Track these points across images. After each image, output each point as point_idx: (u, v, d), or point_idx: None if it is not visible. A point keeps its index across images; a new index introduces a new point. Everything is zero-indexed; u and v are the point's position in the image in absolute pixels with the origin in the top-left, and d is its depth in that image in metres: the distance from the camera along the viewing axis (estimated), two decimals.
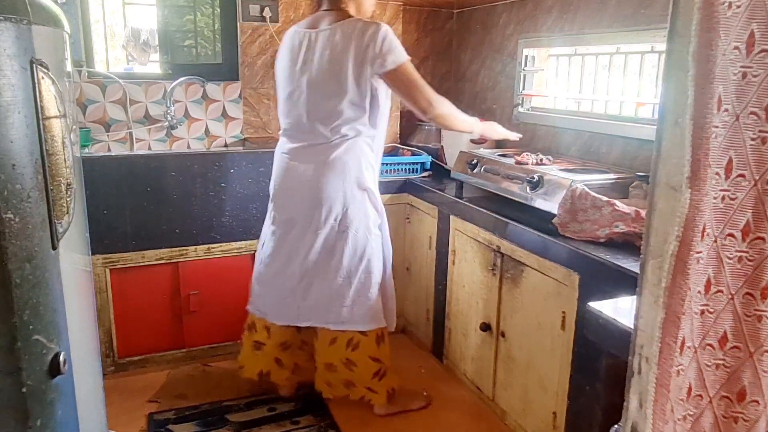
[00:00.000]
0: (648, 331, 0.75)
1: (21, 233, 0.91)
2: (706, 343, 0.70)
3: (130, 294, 2.41)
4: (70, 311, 1.08)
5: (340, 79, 1.89)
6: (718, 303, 0.68)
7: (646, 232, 0.74)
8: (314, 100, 1.96)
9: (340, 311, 2.03)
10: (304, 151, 2.01)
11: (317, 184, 1.96)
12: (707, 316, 0.69)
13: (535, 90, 2.81)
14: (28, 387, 0.94)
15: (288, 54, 2.03)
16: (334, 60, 1.89)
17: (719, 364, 0.70)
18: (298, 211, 2.02)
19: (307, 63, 1.96)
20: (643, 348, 0.76)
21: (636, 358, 0.77)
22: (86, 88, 2.64)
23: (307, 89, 1.97)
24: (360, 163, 1.98)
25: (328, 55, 1.90)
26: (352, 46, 1.87)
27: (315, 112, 1.97)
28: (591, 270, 1.65)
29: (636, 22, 2.15)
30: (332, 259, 2.01)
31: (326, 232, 1.99)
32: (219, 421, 2.16)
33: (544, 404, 1.91)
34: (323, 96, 1.94)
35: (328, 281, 2.02)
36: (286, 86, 2.04)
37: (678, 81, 0.69)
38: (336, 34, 1.89)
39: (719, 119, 0.64)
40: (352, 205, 1.99)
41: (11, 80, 0.88)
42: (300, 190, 2.00)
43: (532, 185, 1.98)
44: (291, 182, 2.04)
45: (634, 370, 0.77)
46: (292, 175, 2.03)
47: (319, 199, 1.96)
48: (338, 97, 1.91)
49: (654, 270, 0.74)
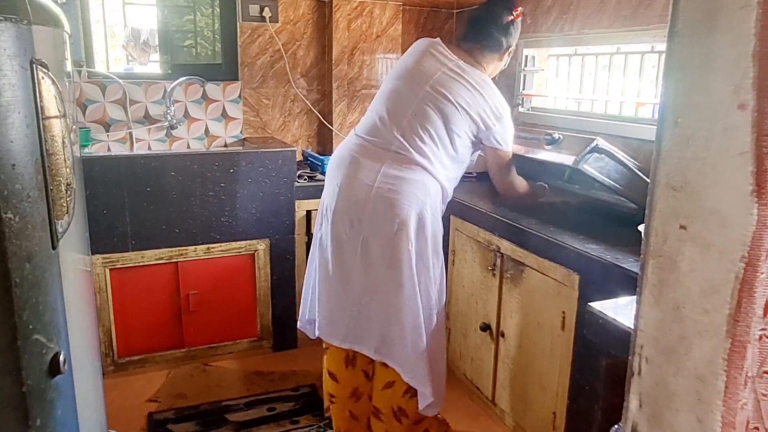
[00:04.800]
0: (649, 332, 0.74)
1: (21, 233, 0.91)
2: (764, 371, 0.64)
3: (129, 294, 2.41)
4: (69, 311, 1.08)
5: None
6: None
7: (646, 232, 0.74)
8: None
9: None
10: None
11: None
12: (765, 342, 0.63)
13: (535, 90, 2.81)
14: (27, 386, 0.94)
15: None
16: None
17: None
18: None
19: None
20: (643, 348, 0.75)
21: (636, 358, 0.77)
22: (86, 88, 2.64)
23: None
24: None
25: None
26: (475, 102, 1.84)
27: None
28: (591, 270, 1.65)
29: (635, 22, 2.15)
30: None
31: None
32: (219, 420, 2.16)
33: (543, 404, 1.91)
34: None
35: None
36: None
37: (679, 81, 0.68)
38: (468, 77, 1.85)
39: None
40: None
41: (11, 80, 0.88)
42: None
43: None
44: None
45: (634, 371, 0.77)
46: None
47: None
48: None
49: (654, 270, 0.73)
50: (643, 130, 2.13)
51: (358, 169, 1.80)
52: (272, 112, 3.02)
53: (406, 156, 1.78)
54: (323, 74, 3.05)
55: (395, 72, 1.94)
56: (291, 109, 3.05)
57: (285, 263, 2.62)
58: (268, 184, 2.51)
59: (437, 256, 1.84)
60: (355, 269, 1.81)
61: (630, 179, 1.91)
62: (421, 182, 1.77)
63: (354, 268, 1.81)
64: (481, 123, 1.84)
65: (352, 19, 2.91)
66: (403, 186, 1.75)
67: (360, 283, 1.81)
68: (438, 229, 1.84)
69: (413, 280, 1.76)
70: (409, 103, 1.83)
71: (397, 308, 1.77)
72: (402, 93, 1.86)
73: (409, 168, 1.77)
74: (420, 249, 1.77)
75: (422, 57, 1.89)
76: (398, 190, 1.74)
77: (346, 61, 2.93)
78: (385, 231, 1.75)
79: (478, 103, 1.83)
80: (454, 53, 1.88)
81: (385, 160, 1.78)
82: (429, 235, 1.78)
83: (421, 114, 1.81)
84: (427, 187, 1.78)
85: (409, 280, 1.76)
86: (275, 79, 2.97)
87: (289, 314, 2.68)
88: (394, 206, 1.74)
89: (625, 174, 1.91)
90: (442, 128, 1.81)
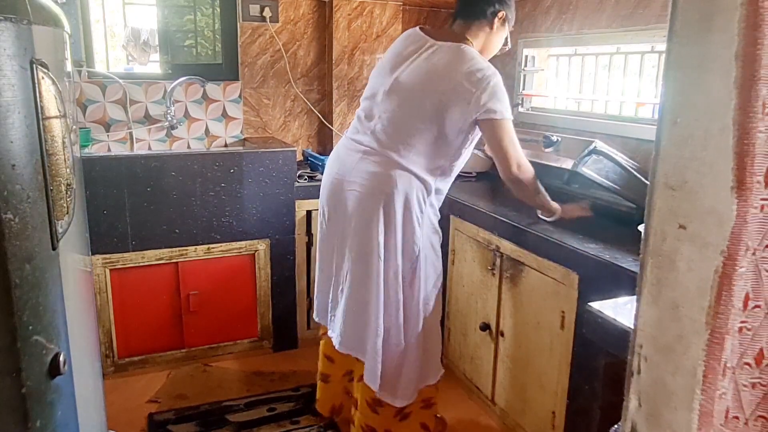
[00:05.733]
0: (648, 331, 0.75)
1: (21, 234, 0.91)
2: (744, 362, 0.67)
3: (130, 294, 2.41)
4: (70, 311, 1.08)
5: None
6: (756, 319, 0.65)
7: (645, 232, 0.74)
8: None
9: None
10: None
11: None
12: (745, 334, 0.66)
13: (535, 90, 2.81)
14: (27, 387, 0.94)
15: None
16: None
17: (755, 383, 0.67)
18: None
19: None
20: (642, 347, 0.76)
21: (635, 358, 0.77)
22: (86, 88, 2.64)
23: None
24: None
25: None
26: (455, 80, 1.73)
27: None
28: (590, 269, 1.65)
29: (634, 22, 2.15)
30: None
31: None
32: (219, 421, 2.16)
33: (543, 403, 1.91)
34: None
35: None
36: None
37: (678, 81, 0.69)
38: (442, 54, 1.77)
39: (764, 124, 0.61)
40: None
41: (11, 80, 0.88)
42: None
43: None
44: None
45: (634, 370, 0.77)
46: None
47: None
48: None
49: (653, 269, 0.73)
50: (643, 130, 2.13)
51: (339, 165, 1.87)
52: (272, 112, 3.02)
53: (378, 151, 1.79)
54: (323, 74, 3.05)
55: (374, 69, 1.97)
56: (291, 109, 3.05)
57: (285, 263, 2.62)
58: (269, 184, 2.51)
59: (414, 251, 1.79)
60: (334, 261, 1.91)
61: (628, 180, 1.92)
62: (390, 176, 1.75)
63: (333, 259, 1.91)
64: (462, 96, 1.71)
65: (353, 19, 2.91)
66: (371, 181, 1.76)
67: (336, 275, 1.90)
68: (414, 222, 1.78)
69: (379, 276, 1.76)
70: (381, 98, 1.83)
71: (362, 303, 1.79)
72: (376, 89, 1.87)
73: (380, 163, 1.77)
74: (388, 244, 1.76)
75: (397, 49, 1.89)
76: (367, 185, 1.76)
77: (347, 61, 2.94)
78: (354, 225, 1.79)
79: (453, 78, 1.72)
80: (436, 37, 1.84)
81: (360, 157, 1.81)
82: (398, 229, 1.76)
83: (391, 108, 1.80)
84: (396, 180, 1.74)
85: (375, 276, 1.76)
86: (275, 79, 2.97)
87: (289, 314, 2.68)
88: (361, 201, 1.77)
89: (624, 175, 1.91)
90: (416, 118, 1.76)
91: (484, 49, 1.89)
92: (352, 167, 1.81)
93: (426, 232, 1.82)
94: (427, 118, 1.75)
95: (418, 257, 1.80)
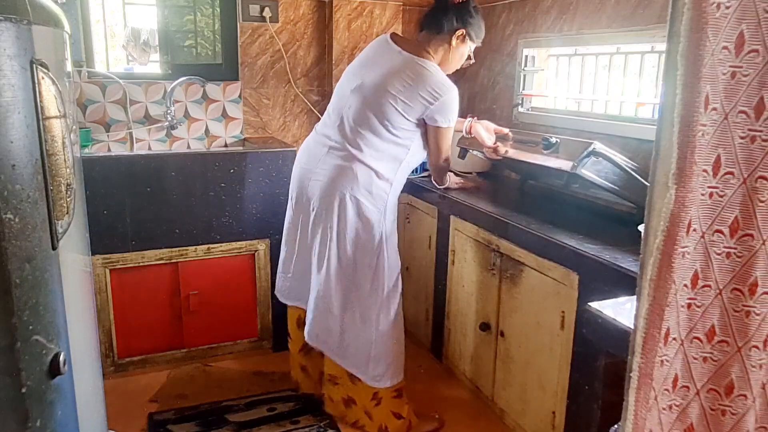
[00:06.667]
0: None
1: (21, 233, 0.91)
2: (694, 336, 0.72)
3: (130, 294, 2.41)
4: (69, 311, 1.08)
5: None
6: (706, 297, 0.70)
7: (645, 232, 0.74)
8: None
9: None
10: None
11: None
12: (694, 310, 0.71)
13: (535, 90, 2.81)
14: (27, 387, 0.94)
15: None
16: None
17: (707, 357, 0.71)
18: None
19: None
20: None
21: (635, 357, 0.77)
22: (86, 88, 2.64)
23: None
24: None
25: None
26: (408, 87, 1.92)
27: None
28: (590, 269, 1.65)
29: (634, 22, 2.15)
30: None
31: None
32: (219, 421, 2.16)
33: (543, 403, 1.91)
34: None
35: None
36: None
37: (676, 81, 0.69)
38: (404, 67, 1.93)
39: (707, 118, 0.66)
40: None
41: (11, 80, 0.88)
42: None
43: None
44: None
45: (633, 369, 0.78)
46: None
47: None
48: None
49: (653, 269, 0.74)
50: (643, 130, 2.13)
51: (307, 157, 2.07)
52: (272, 112, 3.02)
53: (342, 146, 1.97)
54: (323, 74, 3.05)
55: (347, 68, 2.12)
56: (291, 109, 3.05)
57: None
58: (269, 184, 2.51)
59: (374, 239, 1.97)
60: (297, 242, 2.12)
61: (627, 181, 1.92)
62: (348, 168, 1.94)
63: (297, 239, 2.12)
64: (416, 104, 1.91)
65: (353, 19, 2.91)
66: (333, 173, 1.95)
67: (297, 254, 2.12)
68: (371, 212, 1.96)
69: (332, 260, 1.96)
70: (347, 97, 2.00)
71: (317, 284, 2.02)
72: (344, 88, 2.03)
73: (343, 157, 1.96)
74: (340, 231, 1.95)
75: (367, 53, 2.06)
76: (329, 176, 1.95)
77: (347, 61, 2.93)
78: (316, 213, 1.99)
79: (413, 89, 1.90)
80: (404, 46, 1.98)
81: (326, 151, 2.00)
82: (350, 218, 1.94)
83: (355, 106, 1.96)
84: (354, 172, 1.93)
85: (326, 260, 1.97)
86: (275, 79, 2.97)
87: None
88: (323, 191, 1.96)
89: (622, 176, 1.91)
90: (374, 118, 1.93)
91: (443, 63, 2.02)
92: (319, 159, 2.01)
93: (388, 220, 2.01)
94: (384, 118, 1.93)
95: (380, 244, 1.98)
